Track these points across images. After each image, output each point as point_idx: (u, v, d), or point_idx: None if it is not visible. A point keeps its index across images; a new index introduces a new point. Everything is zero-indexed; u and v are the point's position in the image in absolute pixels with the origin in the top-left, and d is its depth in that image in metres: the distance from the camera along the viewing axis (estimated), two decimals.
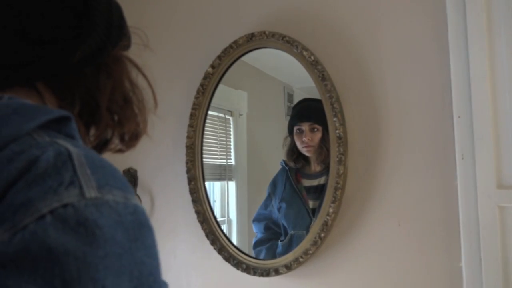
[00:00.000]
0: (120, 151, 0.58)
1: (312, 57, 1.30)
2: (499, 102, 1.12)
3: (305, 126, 1.35)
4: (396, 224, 1.23)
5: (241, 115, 1.55)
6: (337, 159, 1.26)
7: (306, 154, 1.36)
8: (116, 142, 0.57)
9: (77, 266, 0.36)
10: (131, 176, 1.52)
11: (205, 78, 1.44)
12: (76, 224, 0.37)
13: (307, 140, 1.33)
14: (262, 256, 1.39)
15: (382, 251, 1.24)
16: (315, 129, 1.33)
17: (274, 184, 1.42)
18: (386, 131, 1.26)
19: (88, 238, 0.37)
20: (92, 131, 0.55)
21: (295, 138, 1.36)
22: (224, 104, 1.54)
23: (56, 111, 0.46)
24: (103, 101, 0.53)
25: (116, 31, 0.55)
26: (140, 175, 1.57)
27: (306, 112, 1.37)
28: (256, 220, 1.44)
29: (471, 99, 1.13)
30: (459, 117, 1.16)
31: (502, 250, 1.08)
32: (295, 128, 1.37)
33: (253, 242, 1.43)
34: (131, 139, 0.58)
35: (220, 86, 1.47)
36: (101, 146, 0.56)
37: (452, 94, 1.17)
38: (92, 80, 0.53)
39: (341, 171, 1.25)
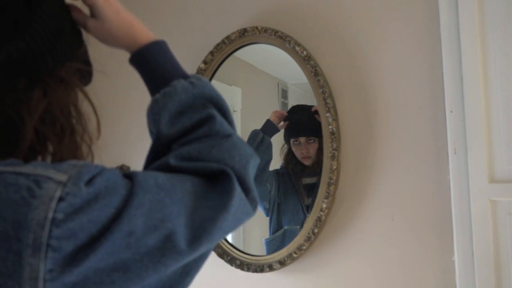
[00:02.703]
0: None
1: (305, 53, 1.29)
2: (491, 96, 1.12)
3: (302, 139, 1.37)
4: (389, 218, 1.23)
5: (235, 111, 1.54)
6: (330, 154, 1.26)
7: (305, 163, 1.37)
8: None
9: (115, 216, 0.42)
10: None
11: (197, 74, 1.43)
12: (83, 200, 0.41)
13: (305, 152, 1.36)
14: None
15: (375, 246, 1.24)
16: (312, 140, 1.35)
17: (278, 175, 1.42)
18: (379, 126, 1.26)
19: (105, 200, 0.42)
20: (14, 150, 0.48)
21: (293, 149, 1.39)
22: None
23: None
24: (30, 119, 0.48)
25: (64, 48, 0.51)
26: None
27: (302, 126, 1.39)
28: None
29: (463, 93, 1.14)
30: (451, 111, 1.16)
31: (494, 244, 1.09)
32: (292, 140, 1.39)
33: None
34: None
35: (214, 82, 1.46)
36: None
37: (445, 88, 1.17)
38: (23, 95, 0.48)
39: (334, 167, 1.25)
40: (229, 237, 1.44)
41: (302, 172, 1.39)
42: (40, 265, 0.38)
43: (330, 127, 1.26)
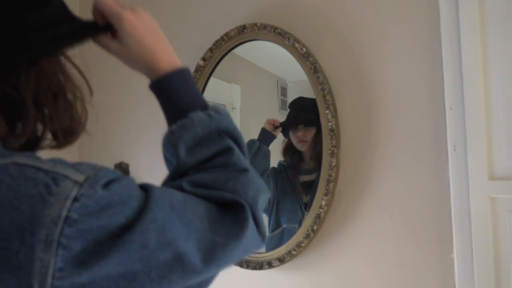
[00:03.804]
0: (55, 147, 0.54)
1: (304, 49, 1.29)
2: (491, 93, 1.12)
3: (300, 126, 1.37)
4: (388, 216, 1.23)
5: (234, 108, 1.54)
6: (330, 151, 1.26)
7: (300, 149, 1.37)
8: (49, 138, 0.53)
9: (126, 228, 0.42)
10: (123, 171, 1.51)
11: (196, 71, 1.43)
12: (97, 204, 0.41)
13: (302, 136, 1.36)
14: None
15: (374, 243, 1.24)
16: (309, 126, 1.35)
17: (275, 172, 1.42)
18: (378, 123, 1.26)
19: (116, 209, 0.42)
20: (19, 129, 0.50)
21: (291, 136, 1.39)
22: (217, 98, 1.53)
23: None
24: (28, 94, 0.49)
25: (65, 39, 0.52)
26: (132, 169, 1.56)
27: (300, 119, 1.38)
28: None
29: (463, 90, 1.13)
30: (451, 108, 1.15)
31: (494, 241, 1.09)
32: (290, 131, 1.39)
33: None
34: (65, 136, 0.54)
35: (213, 79, 1.46)
36: (32, 144, 0.53)
37: (444, 85, 1.17)
38: (12, 68, 0.48)
39: (334, 164, 1.25)
40: None
41: (298, 165, 1.38)
42: (51, 261, 0.39)
43: (329, 124, 1.26)
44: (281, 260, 1.30)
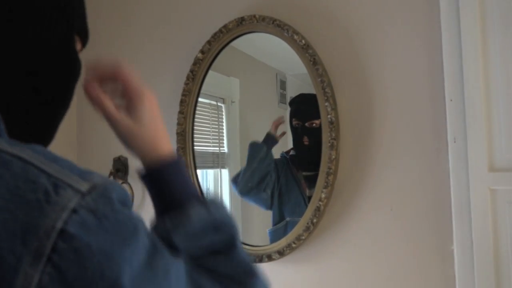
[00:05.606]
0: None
1: (303, 41, 1.28)
2: (491, 85, 1.11)
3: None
4: (388, 208, 1.23)
5: (233, 102, 1.53)
6: (329, 144, 1.25)
7: (305, 142, 1.36)
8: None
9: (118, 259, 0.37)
10: (122, 164, 1.51)
11: (195, 63, 1.42)
12: (99, 221, 0.37)
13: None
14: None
15: (374, 236, 1.24)
16: (314, 124, 1.34)
17: (276, 165, 1.41)
18: (378, 115, 1.25)
19: (115, 227, 0.38)
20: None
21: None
22: (216, 91, 1.53)
23: None
24: None
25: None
26: (131, 163, 1.55)
27: (303, 108, 1.37)
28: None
29: (463, 82, 1.13)
30: (451, 100, 1.15)
31: (494, 233, 1.08)
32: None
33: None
34: None
35: (212, 73, 1.45)
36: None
37: (444, 77, 1.16)
38: None
39: (333, 156, 1.25)
40: None
41: (302, 157, 1.37)
42: (35, 277, 0.35)
43: (329, 116, 1.25)
44: (281, 253, 1.30)
